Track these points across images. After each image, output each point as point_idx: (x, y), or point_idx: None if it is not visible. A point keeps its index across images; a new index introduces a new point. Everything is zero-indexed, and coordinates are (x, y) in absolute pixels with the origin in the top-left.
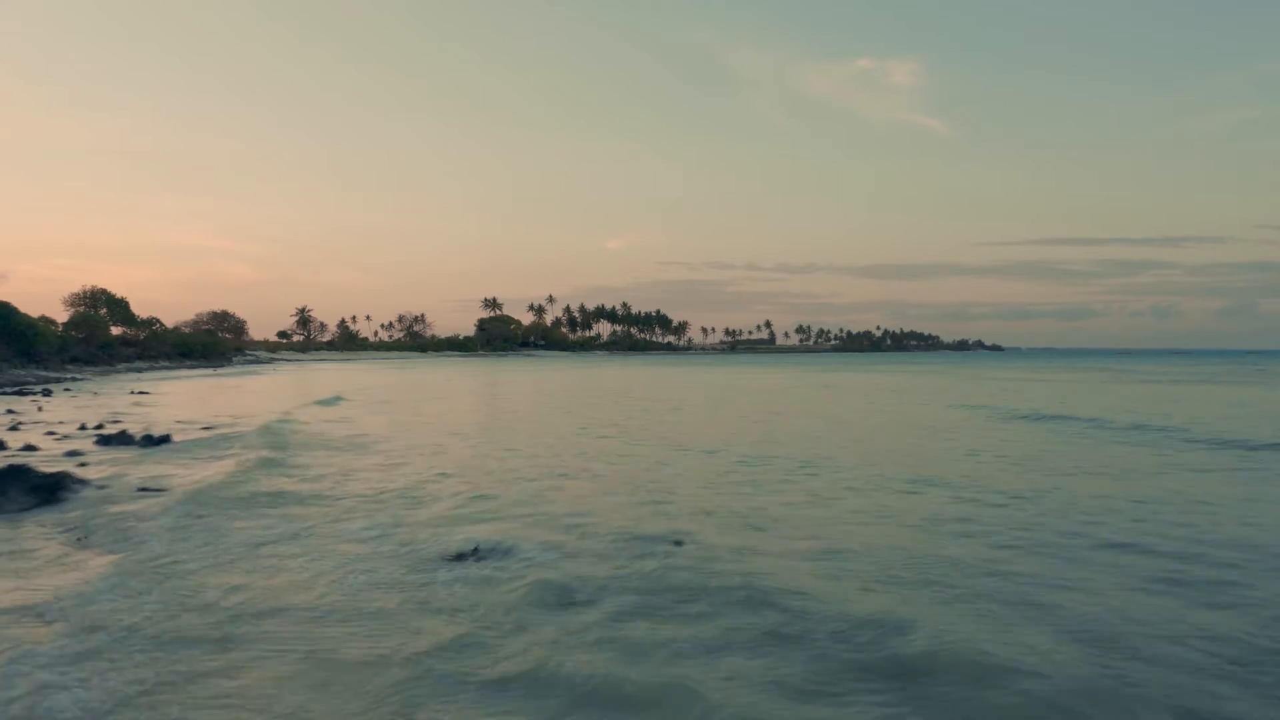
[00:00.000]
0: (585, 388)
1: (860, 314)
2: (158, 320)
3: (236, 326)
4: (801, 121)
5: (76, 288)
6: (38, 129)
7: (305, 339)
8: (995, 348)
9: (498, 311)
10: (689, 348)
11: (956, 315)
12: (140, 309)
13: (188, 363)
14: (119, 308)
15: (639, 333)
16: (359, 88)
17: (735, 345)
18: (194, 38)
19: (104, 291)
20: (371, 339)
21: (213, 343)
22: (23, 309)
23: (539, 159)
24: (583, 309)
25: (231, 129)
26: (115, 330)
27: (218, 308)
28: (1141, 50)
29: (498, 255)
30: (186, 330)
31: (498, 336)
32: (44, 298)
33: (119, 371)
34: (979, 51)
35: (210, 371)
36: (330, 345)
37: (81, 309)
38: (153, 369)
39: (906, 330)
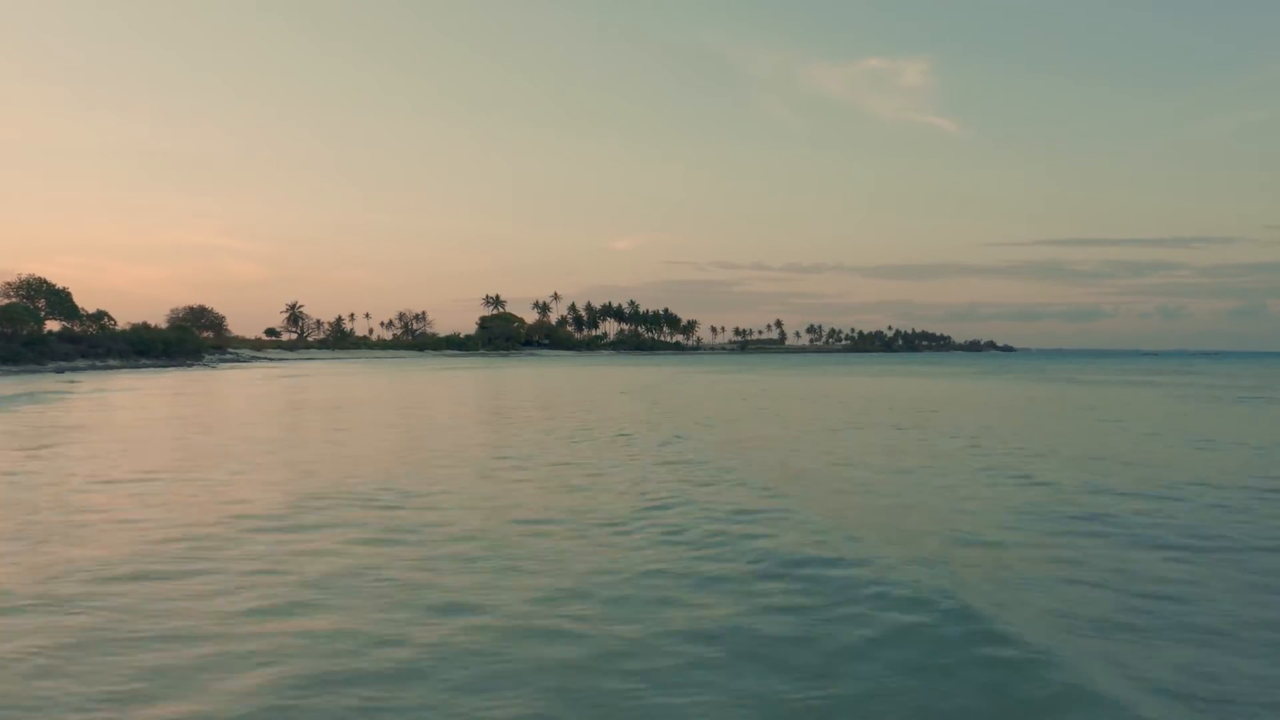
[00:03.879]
0: (562, 392)
1: (869, 314)
2: (106, 314)
3: (215, 323)
4: (810, 121)
5: (84, 286)
6: (43, 129)
7: (297, 337)
8: (1007, 348)
9: (500, 309)
10: (698, 347)
11: (965, 316)
12: (146, 307)
13: (144, 361)
14: (60, 299)
15: (646, 332)
16: (363, 87)
17: (745, 345)
18: (199, 37)
19: (42, 281)
20: (371, 338)
21: (177, 339)
22: None
23: (545, 159)
24: (589, 307)
25: (236, 128)
26: (54, 325)
27: (224, 306)
28: (1150, 51)
29: (504, 255)
30: (163, 327)
31: (500, 335)
32: None
33: (46, 371)
34: (989, 52)
35: (155, 372)
36: (323, 344)
37: (13, 299)
38: (94, 369)
39: (917, 330)
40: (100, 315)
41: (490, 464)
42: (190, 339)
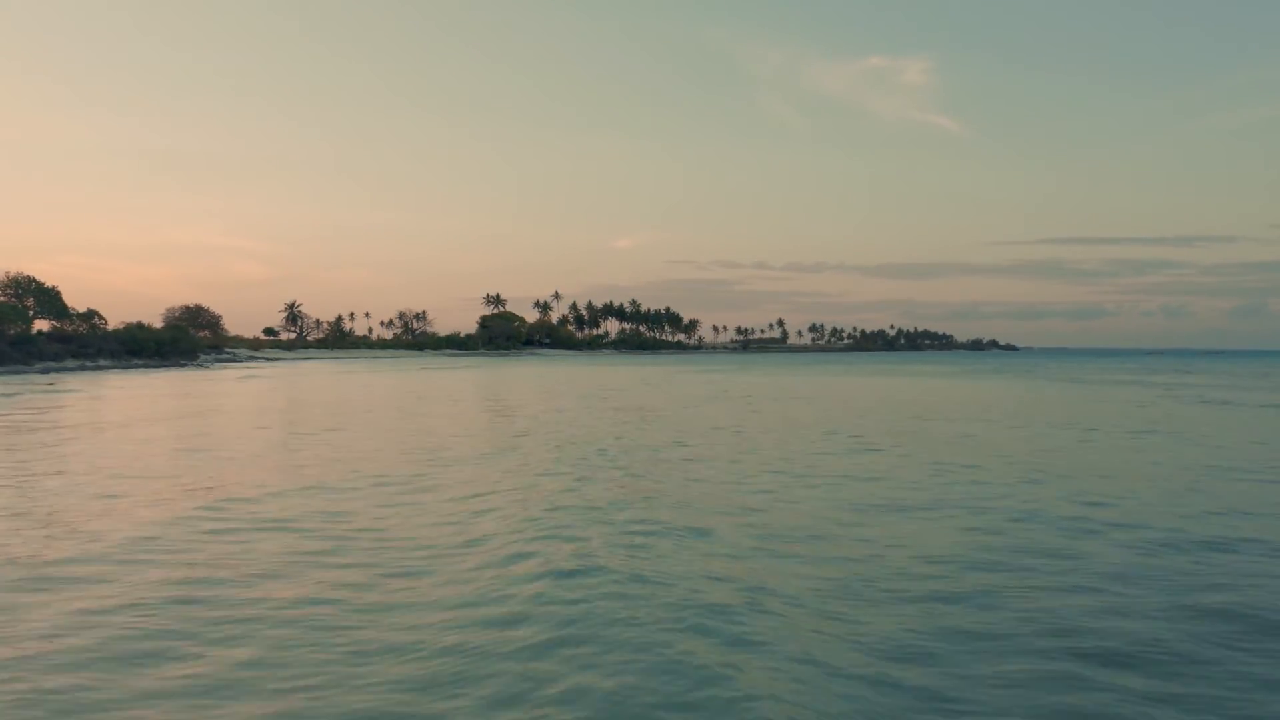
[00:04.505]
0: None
1: (871, 313)
2: (96, 313)
3: (211, 322)
4: (812, 120)
5: (87, 286)
6: (48, 128)
7: (296, 336)
8: (1010, 347)
9: (501, 308)
10: (700, 347)
11: (967, 315)
12: (149, 307)
13: (136, 362)
14: (49, 298)
15: (648, 331)
16: (367, 86)
17: (747, 344)
18: (203, 36)
19: (31, 279)
20: (372, 337)
21: (171, 339)
22: None
23: (548, 158)
24: (590, 306)
25: (240, 128)
26: (43, 324)
27: (228, 305)
28: (1153, 49)
29: (506, 254)
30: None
31: (500, 334)
32: None
33: (32, 371)
34: (991, 51)
35: (145, 373)
36: (322, 344)
37: (1, 299)
38: (83, 369)
39: (919, 330)
40: (91, 314)
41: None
42: (185, 339)
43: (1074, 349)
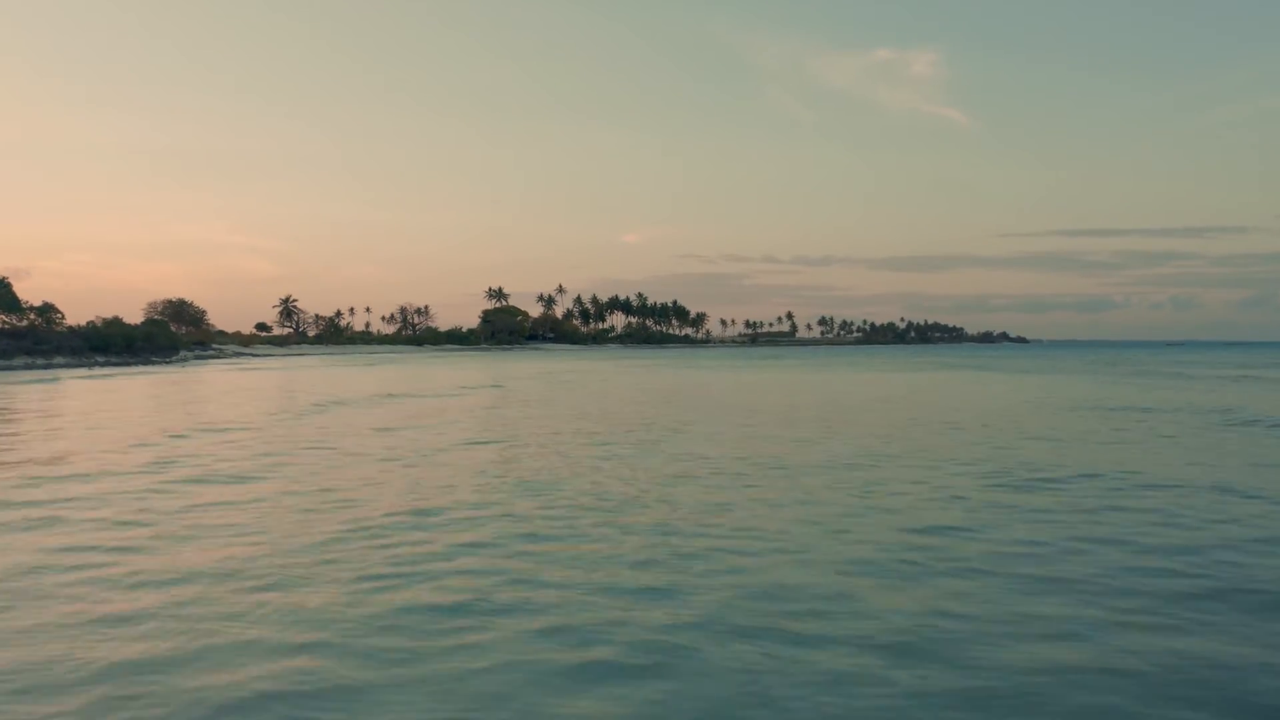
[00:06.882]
0: None
1: (878, 306)
2: (53, 306)
3: (195, 317)
4: (819, 113)
5: (99, 284)
6: (56, 127)
7: (292, 331)
8: (1020, 340)
9: (503, 302)
10: (708, 341)
11: (975, 307)
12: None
13: (99, 360)
14: (1, 291)
15: (655, 325)
16: (370, 83)
17: (756, 338)
18: (209, 36)
19: None
20: (372, 332)
21: (144, 335)
22: None
23: (552, 154)
24: (595, 300)
25: (246, 126)
26: None
27: (235, 302)
28: (1162, 42)
29: (511, 250)
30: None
31: (503, 329)
32: (64, 294)
33: None
34: (998, 44)
35: (101, 371)
36: (317, 339)
37: None
38: (31, 368)
39: (929, 322)
40: (47, 308)
41: None
42: (162, 334)
43: (1084, 341)
